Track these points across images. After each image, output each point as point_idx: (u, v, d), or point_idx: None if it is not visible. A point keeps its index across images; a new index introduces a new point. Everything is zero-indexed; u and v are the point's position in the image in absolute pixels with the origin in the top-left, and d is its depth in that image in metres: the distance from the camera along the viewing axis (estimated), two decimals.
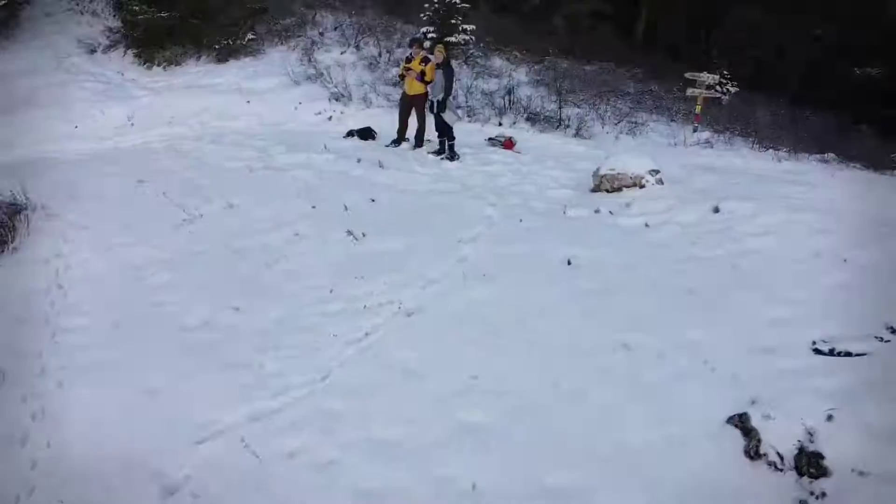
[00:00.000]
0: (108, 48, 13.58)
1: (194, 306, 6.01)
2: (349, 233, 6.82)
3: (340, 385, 4.87)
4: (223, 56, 12.92)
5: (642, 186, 7.50)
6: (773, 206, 6.56)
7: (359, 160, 8.76)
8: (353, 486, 4.06)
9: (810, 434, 3.71)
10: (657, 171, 7.61)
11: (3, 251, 7.63)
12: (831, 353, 4.41)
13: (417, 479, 4.04)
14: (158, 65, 13.02)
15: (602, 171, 7.68)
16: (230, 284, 6.24)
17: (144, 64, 13.07)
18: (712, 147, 11.00)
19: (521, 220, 6.99)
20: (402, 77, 9.36)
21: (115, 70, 12.97)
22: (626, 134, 11.54)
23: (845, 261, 5.48)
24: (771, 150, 10.81)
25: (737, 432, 3.95)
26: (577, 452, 4.06)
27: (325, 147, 9.27)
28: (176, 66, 12.96)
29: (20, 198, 8.31)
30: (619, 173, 7.59)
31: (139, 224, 7.63)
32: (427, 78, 9.02)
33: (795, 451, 3.68)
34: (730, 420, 4.03)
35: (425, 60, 9.09)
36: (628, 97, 13.63)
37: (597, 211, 7.09)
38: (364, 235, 6.78)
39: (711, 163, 9.60)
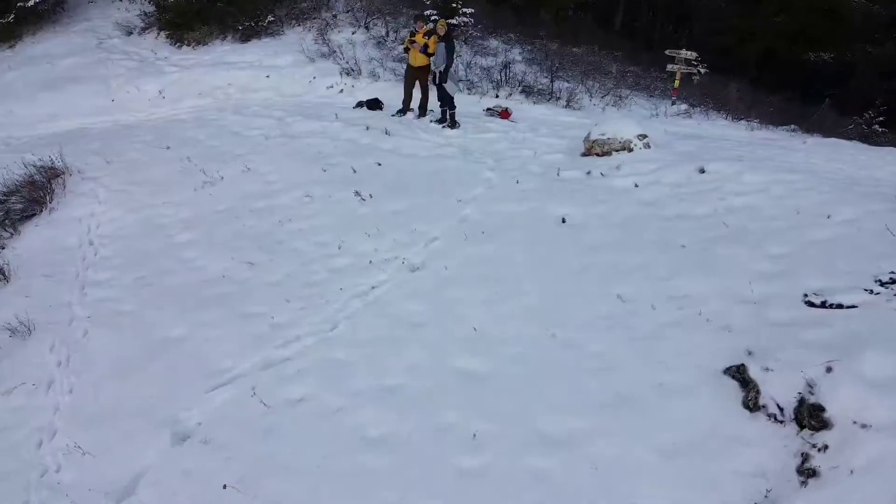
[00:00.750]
0: (142, 30, 12.82)
1: (212, 262, 5.44)
2: (357, 194, 6.17)
3: (347, 336, 4.32)
4: (246, 36, 12.10)
5: (630, 150, 6.76)
6: (756, 167, 5.85)
7: (367, 128, 8.05)
8: (359, 434, 3.55)
9: (810, 386, 3.12)
10: (645, 136, 6.85)
11: (41, 211, 7.06)
12: (823, 305, 3.80)
13: (420, 426, 3.53)
14: (188, 44, 12.21)
15: (593, 136, 6.93)
16: (246, 242, 5.66)
17: (175, 44, 12.27)
18: (691, 117, 10.20)
19: (517, 182, 6.32)
20: (406, 50, 8.52)
21: (148, 49, 12.17)
22: (612, 106, 10.71)
23: (828, 217, 4.82)
24: (743, 121, 10.02)
25: (734, 383, 3.38)
26: (573, 400, 3.53)
27: (337, 116, 8.54)
28: (203, 45, 12.13)
29: (58, 163, 7.70)
30: (609, 138, 6.83)
31: (165, 186, 7.00)
32: (430, 50, 8.21)
33: (796, 404, 3.11)
34: (727, 371, 3.45)
35: (428, 34, 8.26)
36: (611, 76, 12.73)
37: (588, 173, 6.40)
38: (371, 196, 6.13)
39: (692, 131, 8.83)
